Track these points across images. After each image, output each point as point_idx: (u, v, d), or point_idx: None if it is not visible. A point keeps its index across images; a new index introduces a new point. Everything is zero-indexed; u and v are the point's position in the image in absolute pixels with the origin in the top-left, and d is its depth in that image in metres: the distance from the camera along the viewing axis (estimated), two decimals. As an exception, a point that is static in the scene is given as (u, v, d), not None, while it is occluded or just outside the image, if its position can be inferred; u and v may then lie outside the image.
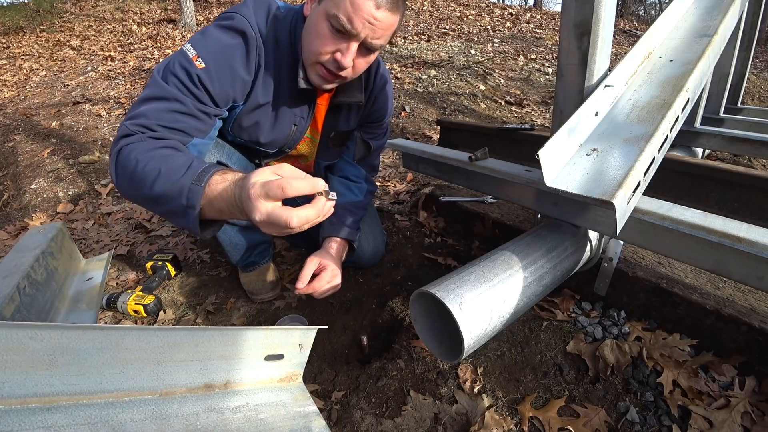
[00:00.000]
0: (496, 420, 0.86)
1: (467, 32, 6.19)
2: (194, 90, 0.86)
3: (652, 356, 0.94)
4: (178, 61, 0.86)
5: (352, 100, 1.08)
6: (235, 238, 1.23)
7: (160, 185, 0.72)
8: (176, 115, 0.84)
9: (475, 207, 1.50)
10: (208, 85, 0.87)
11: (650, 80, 0.85)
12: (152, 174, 0.73)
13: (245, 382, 0.62)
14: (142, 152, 0.76)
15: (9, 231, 1.98)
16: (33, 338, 0.43)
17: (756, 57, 5.96)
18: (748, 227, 0.68)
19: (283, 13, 0.96)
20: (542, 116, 3.44)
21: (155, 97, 0.84)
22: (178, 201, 0.70)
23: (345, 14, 0.81)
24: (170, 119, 0.83)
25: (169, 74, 0.85)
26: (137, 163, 0.75)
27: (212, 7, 7.99)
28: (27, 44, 6.16)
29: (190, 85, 0.85)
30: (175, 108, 0.84)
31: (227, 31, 0.89)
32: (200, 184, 0.69)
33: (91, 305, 1.11)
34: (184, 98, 0.85)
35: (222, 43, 0.89)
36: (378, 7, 0.81)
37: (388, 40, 0.90)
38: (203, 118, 0.89)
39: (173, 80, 0.85)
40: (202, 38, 0.89)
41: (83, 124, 3.36)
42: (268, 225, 0.62)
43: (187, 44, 0.88)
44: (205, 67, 0.86)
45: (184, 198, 0.69)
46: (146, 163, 0.74)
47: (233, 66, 0.90)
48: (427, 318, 0.82)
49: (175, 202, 0.71)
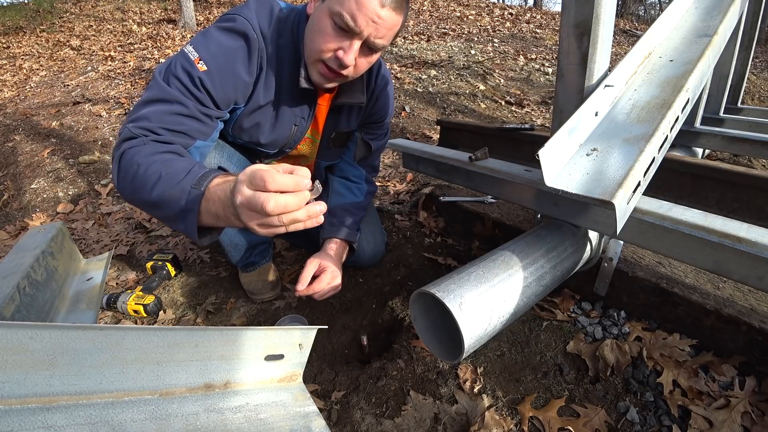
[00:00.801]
0: (496, 420, 0.86)
1: (467, 32, 6.19)
2: (196, 93, 0.86)
3: (652, 356, 0.94)
4: (180, 63, 0.85)
5: (354, 101, 1.07)
6: (235, 238, 1.23)
7: (159, 189, 0.72)
8: (179, 117, 0.84)
9: (475, 207, 1.50)
10: (210, 87, 0.86)
11: (650, 80, 0.85)
12: (153, 178, 0.73)
13: (245, 382, 0.62)
14: (144, 156, 0.76)
15: (9, 231, 1.98)
16: (33, 338, 0.43)
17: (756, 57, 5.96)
18: (748, 227, 0.68)
19: (285, 13, 0.96)
20: (542, 116, 3.44)
21: (157, 99, 0.83)
22: (177, 205, 0.70)
23: (349, 12, 0.81)
24: (173, 122, 0.83)
25: (171, 76, 0.85)
26: (139, 167, 0.75)
27: (212, 7, 7.99)
28: (27, 44, 6.16)
29: (192, 88, 0.85)
30: (178, 110, 0.84)
31: (229, 33, 0.89)
32: (200, 189, 0.68)
33: (91, 305, 1.11)
34: (186, 101, 0.85)
35: (224, 45, 0.88)
36: (382, 5, 0.81)
37: (390, 40, 0.90)
38: (205, 120, 0.89)
39: (175, 82, 0.84)
40: (203, 40, 0.88)
41: (83, 124, 3.36)
42: (248, 211, 0.60)
43: (188, 45, 0.87)
44: (207, 69, 0.85)
45: (183, 201, 0.69)
46: (147, 167, 0.74)
47: (235, 68, 0.90)
48: (427, 318, 0.82)
49: (173, 206, 0.70)
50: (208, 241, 0.76)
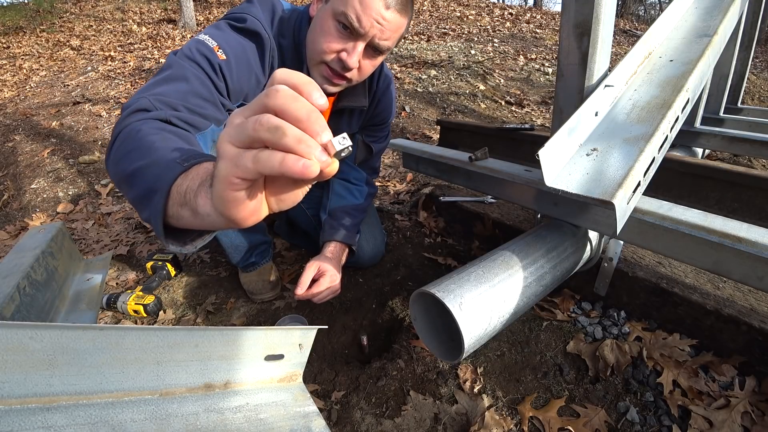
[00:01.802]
0: (496, 420, 0.86)
1: (467, 32, 6.19)
2: (215, 79, 0.81)
3: (652, 356, 0.94)
4: (198, 49, 0.80)
5: (356, 104, 1.06)
6: (236, 239, 1.23)
7: (140, 160, 0.55)
8: (200, 100, 0.76)
9: (475, 207, 1.50)
10: (227, 76, 0.83)
11: (650, 80, 0.85)
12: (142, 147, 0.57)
13: (245, 382, 0.62)
14: (150, 127, 0.62)
15: (9, 231, 1.98)
16: (33, 338, 0.43)
17: (756, 57, 5.96)
18: (748, 227, 0.68)
19: (288, 14, 0.94)
20: (542, 116, 3.44)
21: (176, 78, 0.75)
22: (148, 179, 0.51)
23: (353, 12, 0.80)
24: (196, 104, 0.74)
25: (189, 60, 0.78)
26: (138, 132, 0.60)
27: (212, 7, 7.98)
28: (27, 44, 6.16)
29: (211, 73, 0.80)
30: (199, 92, 0.76)
31: (241, 32, 0.87)
32: (182, 165, 0.49)
33: (91, 305, 1.11)
34: (207, 83, 0.79)
35: (239, 41, 0.86)
36: (387, 7, 0.80)
37: (395, 43, 0.89)
38: (221, 107, 0.83)
39: (193, 66, 0.78)
40: (219, 32, 0.85)
41: (83, 124, 3.36)
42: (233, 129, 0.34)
43: (202, 35, 0.83)
44: (226, 59, 0.82)
45: (157, 173, 0.50)
46: (145, 135, 0.59)
47: (251, 64, 0.88)
48: (427, 318, 0.82)
49: (144, 181, 0.52)
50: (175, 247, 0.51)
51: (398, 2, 0.81)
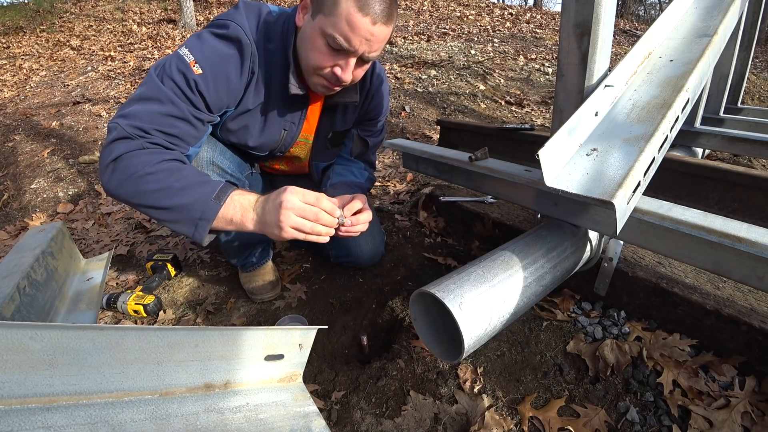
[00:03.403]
0: (496, 420, 0.86)
1: (467, 32, 6.19)
2: (190, 95, 0.85)
3: (652, 356, 0.94)
4: (175, 65, 0.85)
5: (348, 100, 1.08)
6: (235, 239, 1.23)
7: (176, 199, 0.79)
8: (171, 119, 0.84)
9: (475, 207, 1.50)
10: (204, 91, 0.86)
11: (650, 80, 0.85)
12: (166, 186, 0.78)
13: (245, 382, 0.62)
14: (151, 164, 0.79)
15: (9, 231, 1.98)
16: (33, 338, 0.43)
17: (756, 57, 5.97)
18: (748, 227, 0.68)
19: (275, 17, 0.95)
20: (542, 116, 3.44)
21: (150, 97, 0.83)
22: (194, 213, 0.79)
23: (342, 35, 0.81)
24: (165, 124, 0.83)
25: (166, 76, 0.84)
26: (146, 175, 0.78)
27: (212, 7, 7.99)
28: (27, 44, 6.16)
29: (186, 90, 0.85)
30: (170, 112, 0.84)
31: (222, 39, 0.89)
32: (219, 202, 0.79)
33: (91, 305, 1.11)
34: (179, 102, 0.84)
35: (218, 50, 0.88)
36: (374, 23, 0.81)
37: (383, 47, 0.91)
38: (196, 124, 0.89)
39: (169, 83, 0.84)
40: (198, 43, 0.87)
41: (83, 124, 3.36)
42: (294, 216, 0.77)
43: (182, 48, 0.87)
44: (202, 73, 0.85)
45: (201, 211, 0.79)
46: (155, 175, 0.78)
47: (229, 75, 0.90)
48: (427, 318, 0.82)
49: (189, 214, 0.79)
50: (207, 241, 0.84)
51: (384, 14, 0.82)
